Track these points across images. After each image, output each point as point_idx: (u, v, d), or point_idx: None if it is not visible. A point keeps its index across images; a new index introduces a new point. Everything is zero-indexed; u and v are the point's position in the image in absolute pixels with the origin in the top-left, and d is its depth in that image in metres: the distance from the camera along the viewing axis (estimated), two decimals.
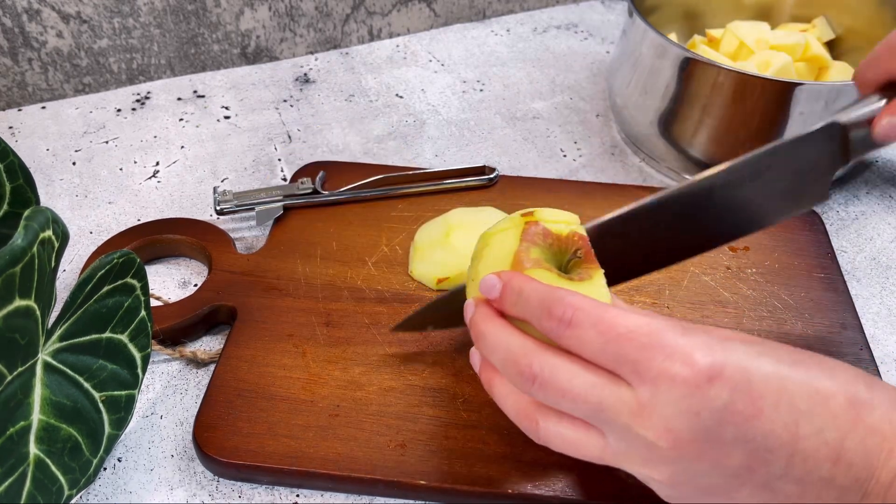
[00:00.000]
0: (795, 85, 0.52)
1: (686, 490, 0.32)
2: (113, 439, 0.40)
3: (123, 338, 0.40)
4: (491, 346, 0.35)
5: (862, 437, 0.30)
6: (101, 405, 0.39)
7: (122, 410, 0.40)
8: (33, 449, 0.36)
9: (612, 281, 0.36)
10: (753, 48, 0.62)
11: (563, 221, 0.37)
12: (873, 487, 0.30)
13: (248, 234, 0.56)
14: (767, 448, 0.30)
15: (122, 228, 0.55)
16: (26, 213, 0.34)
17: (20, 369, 0.34)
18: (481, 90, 0.72)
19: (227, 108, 0.69)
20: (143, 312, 0.41)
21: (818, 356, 0.33)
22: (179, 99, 0.70)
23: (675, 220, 0.41)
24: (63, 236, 0.36)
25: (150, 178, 0.61)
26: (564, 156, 0.65)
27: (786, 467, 0.30)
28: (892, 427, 0.30)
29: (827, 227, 0.56)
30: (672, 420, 0.30)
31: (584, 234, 0.37)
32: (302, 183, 0.56)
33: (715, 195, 0.41)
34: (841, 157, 0.42)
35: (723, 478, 0.31)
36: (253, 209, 0.55)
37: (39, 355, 0.36)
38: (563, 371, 0.32)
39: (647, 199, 0.41)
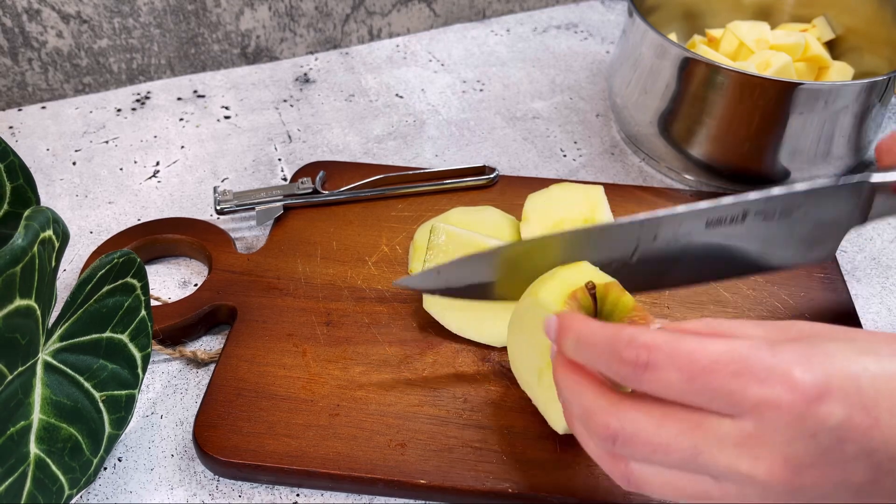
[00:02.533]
0: (795, 85, 0.52)
1: None
2: (113, 439, 0.40)
3: (124, 337, 0.40)
4: (566, 400, 0.32)
5: None
6: (101, 405, 0.39)
7: (123, 410, 0.40)
8: (34, 449, 0.36)
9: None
10: (753, 48, 0.62)
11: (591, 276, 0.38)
12: None
13: (248, 233, 0.56)
14: (890, 457, 0.27)
15: (123, 228, 0.55)
16: (27, 212, 0.34)
17: (20, 369, 0.34)
18: (481, 90, 0.72)
19: (227, 108, 0.69)
20: (143, 312, 0.41)
21: None
22: (179, 99, 0.70)
23: (706, 239, 0.39)
24: (63, 236, 0.36)
25: (150, 177, 0.62)
26: (564, 156, 0.65)
27: None
28: None
29: None
30: (787, 448, 0.27)
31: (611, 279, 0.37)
32: (302, 183, 0.56)
33: (747, 221, 0.39)
34: (859, 217, 0.41)
35: (848, 495, 0.28)
36: (253, 209, 0.55)
37: (40, 355, 0.36)
38: (645, 423, 0.29)
39: (680, 208, 0.39)
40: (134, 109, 0.69)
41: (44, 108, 0.68)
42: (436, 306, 0.46)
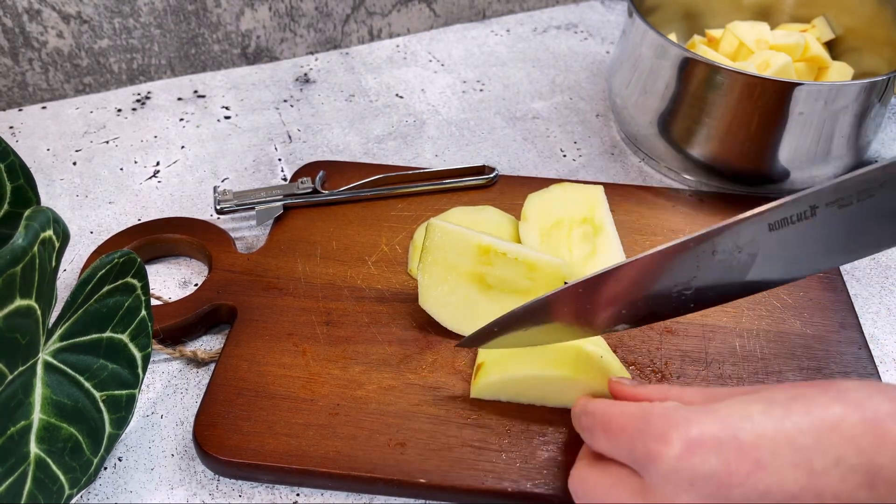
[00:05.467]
0: (795, 85, 0.52)
1: None
2: (113, 439, 0.40)
3: (124, 337, 0.40)
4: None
5: (895, 450, 0.28)
6: (101, 405, 0.39)
7: (123, 410, 0.40)
8: (34, 448, 0.36)
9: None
10: (753, 48, 0.62)
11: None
12: None
13: (248, 233, 0.56)
14: (789, 495, 0.28)
15: (123, 228, 0.55)
16: (27, 212, 0.34)
17: (21, 369, 0.34)
18: (481, 90, 0.72)
19: (227, 108, 0.69)
20: (143, 312, 0.41)
21: (827, 382, 0.31)
22: (180, 99, 0.70)
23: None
24: (64, 236, 0.36)
25: (150, 177, 0.62)
26: (564, 156, 0.65)
27: None
28: None
29: None
30: (673, 496, 0.30)
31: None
32: (302, 182, 0.56)
33: (819, 215, 0.35)
34: None
35: None
36: (253, 209, 0.55)
37: (40, 355, 0.36)
38: (592, 478, 0.35)
39: (735, 218, 0.36)
40: (134, 109, 0.69)
41: (44, 108, 0.68)
42: (431, 304, 0.46)
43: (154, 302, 0.50)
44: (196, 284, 0.53)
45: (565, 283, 0.41)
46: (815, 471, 0.28)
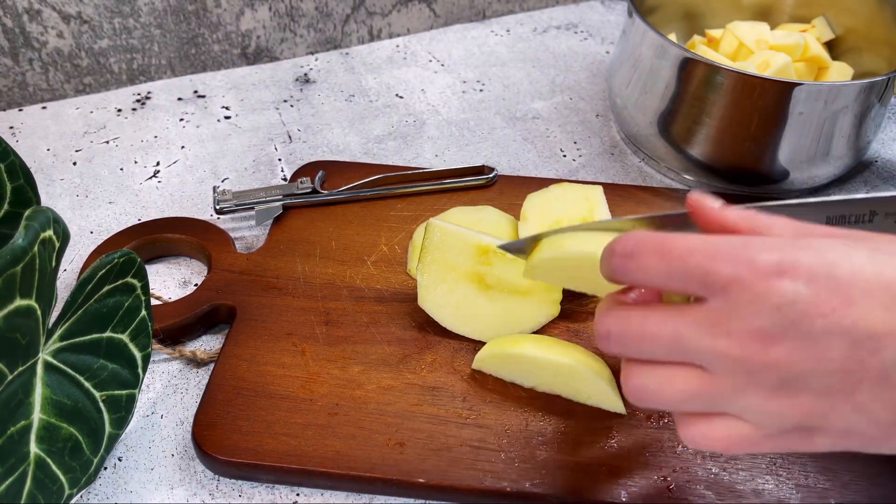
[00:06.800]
0: (795, 85, 0.52)
1: (806, 400, 0.30)
2: (113, 439, 0.40)
3: (124, 337, 0.40)
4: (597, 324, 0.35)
5: None
6: (101, 405, 0.39)
7: (123, 410, 0.40)
8: (34, 448, 0.36)
9: None
10: (753, 48, 0.62)
11: None
12: None
13: (247, 233, 0.56)
14: (869, 335, 0.28)
15: (123, 228, 0.55)
16: (27, 212, 0.34)
17: (21, 369, 0.34)
18: (481, 90, 0.72)
19: (227, 108, 0.69)
20: (143, 312, 0.41)
21: None
22: (180, 99, 0.70)
23: None
24: (64, 236, 0.36)
25: (150, 177, 0.62)
26: (564, 156, 0.65)
27: None
28: None
29: None
30: (753, 321, 0.29)
31: None
32: (301, 182, 0.56)
33: (875, 221, 0.36)
34: None
35: (835, 376, 0.29)
36: (252, 209, 0.55)
37: (40, 355, 0.36)
38: (633, 318, 0.31)
39: (796, 201, 0.36)
40: (134, 109, 0.69)
41: (44, 108, 0.69)
42: (430, 304, 0.46)
43: (154, 302, 0.50)
44: (196, 284, 0.53)
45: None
46: None
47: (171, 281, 0.53)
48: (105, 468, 0.42)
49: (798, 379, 0.29)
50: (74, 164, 0.63)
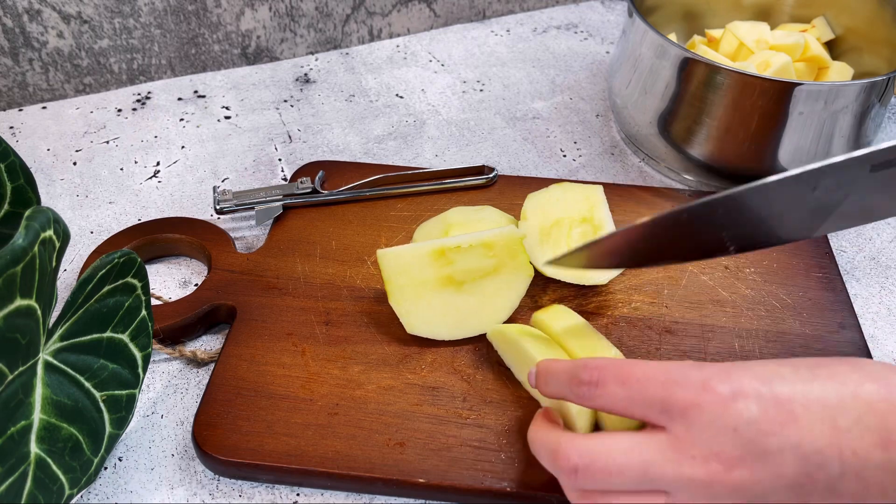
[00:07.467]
0: (795, 85, 0.52)
1: None
2: (114, 439, 0.40)
3: (124, 337, 0.40)
4: (537, 451, 0.37)
5: None
6: (101, 405, 0.39)
7: (123, 410, 0.40)
8: (34, 448, 0.36)
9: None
10: (753, 48, 0.62)
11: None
12: None
13: (247, 233, 0.56)
14: (815, 450, 0.30)
15: (123, 228, 0.55)
16: (27, 212, 0.34)
17: (21, 369, 0.34)
18: (481, 90, 0.72)
19: (227, 108, 0.69)
20: (143, 312, 0.41)
21: (840, 358, 0.33)
22: (180, 99, 0.70)
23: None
24: (64, 236, 0.36)
25: (150, 177, 0.62)
26: (564, 156, 0.65)
27: (840, 465, 0.30)
28: None
29: None
30: (714, 443, 0.31)
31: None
32: (301, 182, 0.56)
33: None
34: None
35: (791, 490, 0.31)
36: (252, 209, 0.55)
37: (40, 355, 0.36)
38: (600, 450, 0.33)
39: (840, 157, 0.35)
40: (134, 109, 0.69)
41: (44, 108, 0.69)
42: (420, 327, 0.46)
43: (154, 302, 0.50)
44: (196, 284, 0.53)
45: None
46: (839, 427, 0.30)
47: (171, 281, 0.53)
48: (105, 468, 0.42)
49: (759, 498, 0.31)
50: (74, 164, 0.63)
